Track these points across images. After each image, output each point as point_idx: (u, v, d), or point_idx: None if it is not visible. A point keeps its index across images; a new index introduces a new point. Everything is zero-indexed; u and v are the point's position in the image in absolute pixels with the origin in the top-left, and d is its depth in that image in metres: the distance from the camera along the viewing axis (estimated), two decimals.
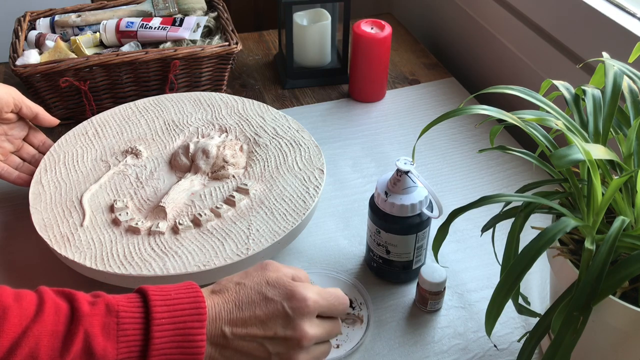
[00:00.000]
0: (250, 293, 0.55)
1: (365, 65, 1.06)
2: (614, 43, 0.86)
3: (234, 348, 0.53)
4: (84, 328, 0.49)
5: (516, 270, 0.51)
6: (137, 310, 0.51)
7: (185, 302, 0.52)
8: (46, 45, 1.04)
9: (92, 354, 0.48)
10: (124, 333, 0.50)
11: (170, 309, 0.51)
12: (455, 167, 0.96)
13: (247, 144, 0.88)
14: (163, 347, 0.50)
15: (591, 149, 0.50)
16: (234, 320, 0.53)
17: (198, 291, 0.54)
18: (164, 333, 0.50)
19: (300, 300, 0.54)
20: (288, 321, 0.54)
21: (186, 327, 0.51)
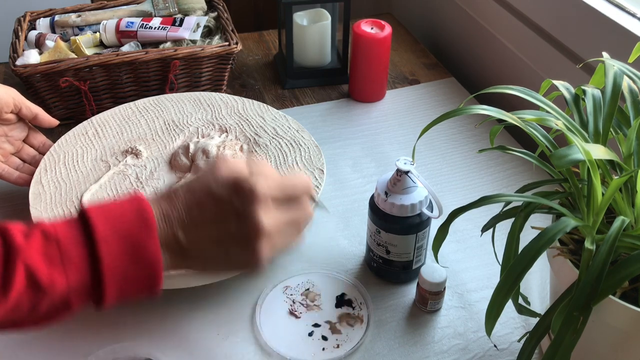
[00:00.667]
0: (199, 196, 0.51)
1: (365, 65, 1.06)
2: (614, 43, 0.86)
3: (193, 254, 0.51)
4: (23, 262, 0.45)
5: (516, 270, 0.51)
6: (77, 232, 0.47)
7: (129, 213, 0.48)
8: (46, 45, 1.04)
9: (38, 287, 0.45)
10: (68, 259, 0.46)
11: (114, 224, 0.47)
12: (455, 167, 0.96)
13: (247, 144, 0.88)
14: (116, 266, 0.47)
15: (591, 149, 0.50)
16: (185, 224, 0.50)
17: (142, 200, 0.50)
18: (111, 250, 0.47)
19: (248, 191, 0.50)
20: (240, 217, 0.50)
21: (135, 239, 0.47)
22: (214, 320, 0.73)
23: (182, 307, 0.75)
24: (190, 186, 0.53)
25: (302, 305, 0.75)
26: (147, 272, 0.48)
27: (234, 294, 0.76)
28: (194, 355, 0.69)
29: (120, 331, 0.72)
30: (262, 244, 0.51)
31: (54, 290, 0.46)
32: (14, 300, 0.45)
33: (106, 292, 0.47)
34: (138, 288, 0.49)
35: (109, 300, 0.48)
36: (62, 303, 0.47)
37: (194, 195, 0.52)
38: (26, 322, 0.47)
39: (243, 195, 0.51)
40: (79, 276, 0.46)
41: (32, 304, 0.46)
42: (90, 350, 0.70)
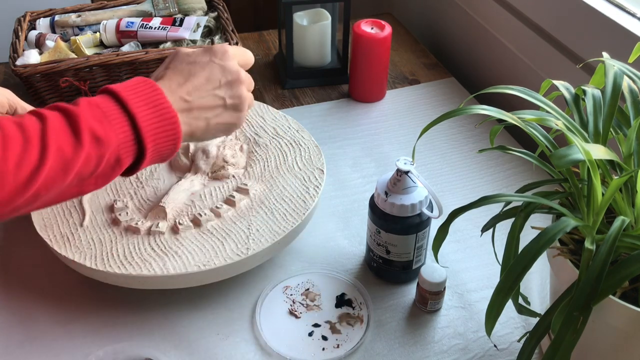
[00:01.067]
0: (183, 67, 0.62)
1: (365, 65, 1.06)
2: (614, 43, 0.86)
3: (198, 107, 0.61)
4: (84, 120, 0.53)
5: (516, 270, 0.51)
6: (109, 100, 0.56)
7: (140, 85, 0.58)
8: (46, 45, 1.04)
9: (100, 141, 0.53)
10: (112, 118, 0.54)
11: (133, 92, 0.56)
12: (455, 167, 0.96)
13: (247, 144, 0.88)
14: (147, 121, 0.55)
15: (591, 149, 0.50)
16: (186, 88, 0.60)
17: (142, 77, 0.59)
18: (141, 109, 0.55)
19: (221, 50, 0.64)
20: (223, 69, 0.63)
21: (153, 99, 0.57)
22: (214, 320, 0.73)
23: (182, 307, 0.75)
24: (170, 66, 0.62)
25: (302, 305, 0.75)
26: (171, 127, 0.57)
27: (234, 294, 0.76)
28: (194, 355, 0.69)
29: (120, 331, 0.72)
30: (244, 89, 0.64)
31: (110, 144, 0.53)
32: (86, 152, 0.52)
33: (146, 145, 0.56)
34: (166, 142, 0.57)
35: (148, 153, 0.56)
36: (115, 159, 0.55)
37: (178, 69, 0.62)
38: (91, 178, 0.54)
39: (219, 54, 0.64)
40: (123, 132, 0.54)
41: (98, 158, 0.53)
42: (90, 350, 0.70)
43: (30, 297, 0.76)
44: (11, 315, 0.73)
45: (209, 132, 0.63)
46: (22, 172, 0.50)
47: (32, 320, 0.73)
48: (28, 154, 0.50)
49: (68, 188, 0.53)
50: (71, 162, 0.52)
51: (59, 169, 0.51)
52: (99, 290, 0.76)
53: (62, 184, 0.52)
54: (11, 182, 0.49)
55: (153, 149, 0.57)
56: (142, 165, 0.57)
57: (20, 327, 0.72)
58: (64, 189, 0.53)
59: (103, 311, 0.74)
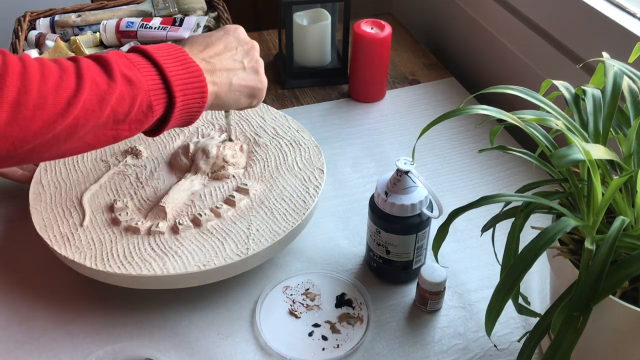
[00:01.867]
0: (200, 39, 0.67)
1: (365, 65, 1.06)
2: (614, 43, 0.86)
3: (220, 68, 0.65)
4: (115, 63, 0.56)
5: (516, 270, 0.51)
6: (137, 55, 0.59)
7: (163, 46, 0.62)
8: (46, 45, 1.04)
9: (132, 82, 0.56)
10: (140, 67, 0.58)
11: (157, 49, 0.60)
12: (455, 167, 0.96)
13: (247, 144, 0.88)
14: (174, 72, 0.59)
15: (591, 149, 0.50)
16: (206, 52, 0.65)
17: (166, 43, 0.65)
18: (167, 62, 0.59)
19: (234, 27, 0.71)
20: (238, 39, 0.69)
21: (178, 55, 0.61)
22: (214, 320, 0.73)
23: (182, 307, 0.75)
24: (189, 41, 0.67)
25: (302, 305, 0.75)
26: (197, 79, 0.61)
27: (234, 294, 0.76)
28: (194, 355, 0.69)
29: (120, 331, 0.72)
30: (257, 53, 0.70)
31: (141, 86, 0.57)
32: (119, 91, 0.55)
33: (175, 93, 0.59)
34: (194, 94, 0.61)
35: (177, 103, 0.59)
36: (148, 105, 0.57)
37: (198, 40, 0.67)
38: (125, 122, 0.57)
39: (232, 29, 0.70)
40: (152, 79, 0.58)
41: (131, 99, 0.56)
42: (90, 350, 0.70)
43: (30, 297, 0.76)
44: (11, 315, 0.73)
45: (233, 92, 0.67)
46: (61, 96, 0.52)
47: (32, 320, 0.73)
48: (66, 81, 0.53)
49: (104, 128, 0.56)
50: (106, 96, 0.54)
51: (95, 99, 0.54)
52: (99, 290, 0.76)
53: (99, 117, 0.55)
54: (51, 104, 0.51)
55: (182, 100, 0.60)
56: (173, 116, 0.60)
57: (20, 327, 0.72)
58: (100, 127, 0.55)
59: (103, 311, 0.74)
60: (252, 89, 0.69)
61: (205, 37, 0.68)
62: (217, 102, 0.66)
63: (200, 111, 0.63)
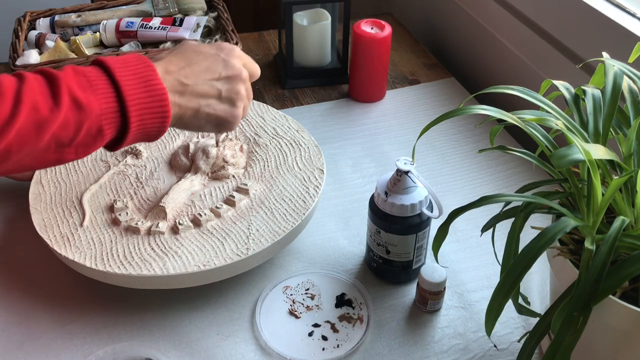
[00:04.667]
0: (186, 54, 0.63)
1: (365, 65, 1.06)
2: (614, 43, 0.86)
3: (191, 92, 0.61)
4: (65, 85, 0.52)
5: (516, 270, 0.51)
6: (97, 70, 0.56)
7: (133, 60, 0.57)
8: (46, 45, 1.04)
9: (80, 106, 0.52)
10: (97, 87, 0.54)
11: (123, 65, 0.56)
12: (455, 167, 0.96)
13: (247, 144, 0.88)
14: (134, 94, 0.55)
15: (591, 149, 0.50)
16: (184, 72, 0.61)
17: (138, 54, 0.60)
18: (128, 82, 0.55)
19: (229, 48, 0.65)
20: (226, 64, 0.64)
21: (143, 75, 0.56)
22: (214, 320, 0.73)
23: (182, 307, 0.75)
24: (174, 51, 0.63)
25: (302, 305, 0.75)
26: (159, 104, 0.57)
27: (234, 294, 0.76)
28: (194, 355, 0.69)
29: (120, 331, 0.72)
30: (243, 87, 0.65)
31: (91, 111, 0.53)
32: (63, 116, 0.52)
33: (130, 118, 0.55)
34: (153, 119, 0.57)
35: (132, 127, 0.55)
36: (97, 129, 0.54)
37: (183, 55, 0.63)
38: (71, 146, 0.54)
39: (226, 50, 0.65)
40: (107, 102, 0.54)
41: (76, 124, 0.53)
42: (90, 350, 0.70)
43: (30, 297, 0.76)
44: (11, 315, 0.73)
45: (198, 120, 0.63)
46: None
47: (32, 320, 0.73)
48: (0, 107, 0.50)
49: (45, 152, 0.53)
50: (46, 123, 0.51)
51: (32, 126, 0.51)
52: (99, 290, 0.76)
53: (37, 144, 0.52)
54: None
55: (138, 124, 0.56)
56: (127, 139, 0.56)
57: (20, 327, 0.72)
58: (40, 152, 0.53)
59: (103, 311, 0.74)
60: (220, 120, 0.64)
61: (194, 50, 0.63)
62: (179, 124, 0.62)
63: (161, 133, 0.59)
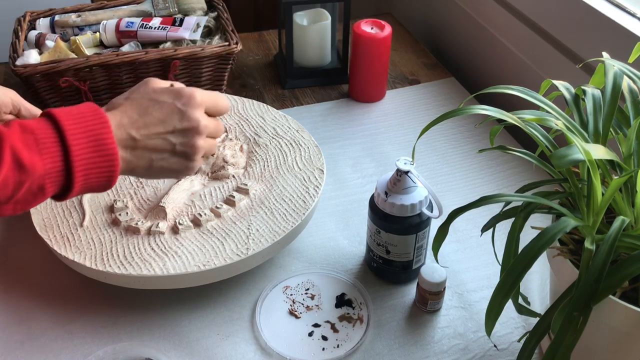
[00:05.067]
0: (143, 102, 0.60)
1: (365, 65, 1.06)
2: (614, 43, 0.86)
3: (143, 147, 0.59)
4: (9, 144, 0.51)
5: (516, 270, 0.51)
6: (48, 126, 0.53)
7: (88, 114, 0.55)
8: (46, 45, 1.04)
9: (22, 167, 0.51)
10: (44, 146, 0.52)
11: (76, 121, 0.54)
12: (455, 167, 0.96)
13: (247, 144, 0.88)
14: (82, 155, 0.53)
15: (591, 149, 0.50)
16: (137, 124, 0.58)
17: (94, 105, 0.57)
18: (78, 142, 0.53)
19: (188, 95, 0.61)
20: (182, 115, 0.60)
21: (96, 134, 0.54)
22: (214, 320, 0.73)
23: (182, 307, 0.75)
24: (130, 97, 0.60)
25: (302, 305, 0.75)
26: (107, 163, 0.55)
27: (234, 294, 0.76)
28: (194, 355, 0.69)
29: (120, 331, 0.72)
30: (200, 140, 0.61)
31: (34, 172, 0.51)
32: (3, 176, 0.50)
33: (75, 179, 0.53)
34: (99, 178, 0.55)
35: (76, 186, 0.54)
36: (39, 188, 0.53)
37: (138, 102, 0.60)
38: (9, 203, 0.52)
39: (184, 98, 0.60)
40: (53, 162, 0.52)
41: (16, 184, 0.51)
42: (90, 350, 0.70)
43: (30, 297, 0.76)
44: (11, 315, 0.73)
45: (151, 173, 0.61)
46: None
47: (32, 320, 0.73)
48: None
49: None
50: None
51: None
52: (99, 290, 0.76)
53: None
54: None
55: (83, 182, 0.55)
56: (70, 195, 0.55)
57: (20, 327, 0.72)
58: None
59: (103, 311, 0.74)
60: (174, 172, 0.62)
61: (151, 99, 0.60)
62: (132, 174, 0.61)
63: (108, 187, 0.57)
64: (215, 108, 0.64)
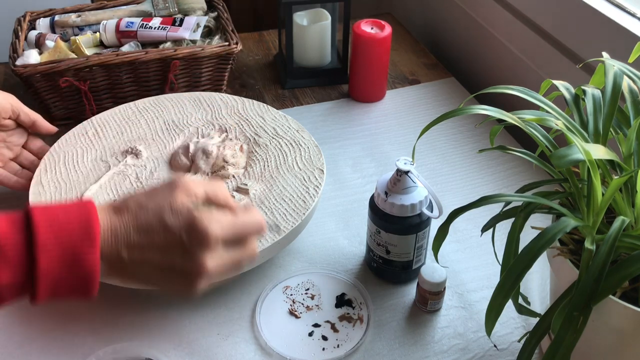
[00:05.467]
0: (150, 218, 0.51)
1: (365, 65, 1.06)
2: (614, 43, 0.86)
3: (132, 272, 0.52)
4: None
5: (516, 270, 0.51)
6: (18, 235, 0.47)
7: (75, 222, 0.49)
8: (46, 45, 1.04)
9: None
10: (5, 259, 0.46)
11: (57, 231, 0.48)
12: (455, 167, 0.96)
13: (247, 144, 0.88)
14: (51, 272, 0.47)
15: (591, 149, 0.50)
16: (131, 244, 0.51)
17: (91, 210, 0.50)
18: (50, 256, 0.47)
19: (201, 232, 0.51)
20: (186, 253, 0.51)
21: (75, 249, 0.48)
22: (214, 320, 0.73)
23: (182, 307, 0.75)
24: (144, 204, 0.52)
25: (302, 305, 0.75)
26: (82, 281, 0.49)
27: (234, 294, 0.76)
28: (194, 355, 0.69)
29: (120, 331, 0.72)
30: (201, 282, 0.52)
31: None
32: None
33: (38, 293, 0.48)
34: (70, 292, 0.49)
35: (40, 299, 0.48)
36: None
37: (146, 215, 0.52)
38: None
39: (195, 234, 0.51)
40: (13, 276, 0.47)
41: None
42: (90, 350, 0.70)
43: None
44: (11, 315, 0.73)
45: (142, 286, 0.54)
46: None
47: (32, 320, 0.73)
48: None
49: None
50: None
51: None
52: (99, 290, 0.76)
53: None
54: None
55: (49, 297, 0.49)
56: (35, 304, 0.49)
57: (20, 327, 0.72)
58: None
59: (103, 311, 0.74)
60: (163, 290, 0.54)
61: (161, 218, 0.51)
62: None
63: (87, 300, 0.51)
64: (239, 238, 0.54)
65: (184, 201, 0.52)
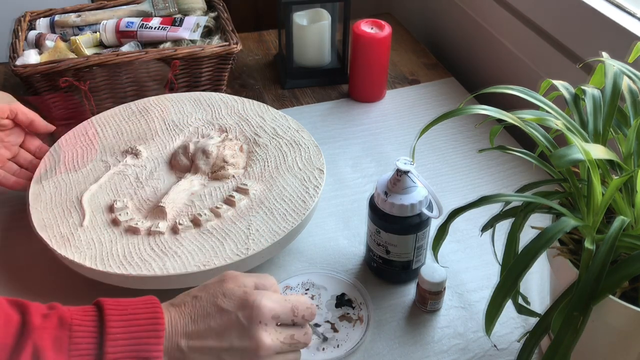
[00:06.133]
0: (205, 305, 0.54)
1: (365, 65, 1.06)
2: (614, 43, 0.86)
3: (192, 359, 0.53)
4: (33, 342, 0.48)
5: (516, 270, 0.51)
6: (91, 324, 0.50)
7: (144, 317, 0.52)
8: (46, 45, 1.04)
9: None
10: (76, 347, 0.49)
11: (126, 324, 0.51)
12: (455, 167, 0.96)
13: (247, 144, 0.88)
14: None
15: (591, 149, 0.50)
16: (189, 333, 0.53)
17: (157, 306, 0.53)
18: (118, 349, 0.49)
19: (254, 308, 0.53)
20: (243, 331, 0.53)
21: (142, 343, 0.50)
22: None
23: None
24: (198, 295, 0.55)
25: None
26: None
27: None
28: None
29: None
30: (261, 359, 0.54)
31: None
32: None
33: None
34: None
35: None
36: None
37: (202, 304, 0.55)
38: None
39: (249, 310, 0.53)
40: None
41: None
42: None
43: (30, 297, 0.75)
44: None
45: None
46: None
47: None
48: None
49: None
50: None
51: None
52: (99, 290, 0.76)
53: None
54: None
55: None
56: None
57: None
58: None
59: None
60: None
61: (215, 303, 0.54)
62: None
63: None
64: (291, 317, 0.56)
65: (234, 286, 0.56)
